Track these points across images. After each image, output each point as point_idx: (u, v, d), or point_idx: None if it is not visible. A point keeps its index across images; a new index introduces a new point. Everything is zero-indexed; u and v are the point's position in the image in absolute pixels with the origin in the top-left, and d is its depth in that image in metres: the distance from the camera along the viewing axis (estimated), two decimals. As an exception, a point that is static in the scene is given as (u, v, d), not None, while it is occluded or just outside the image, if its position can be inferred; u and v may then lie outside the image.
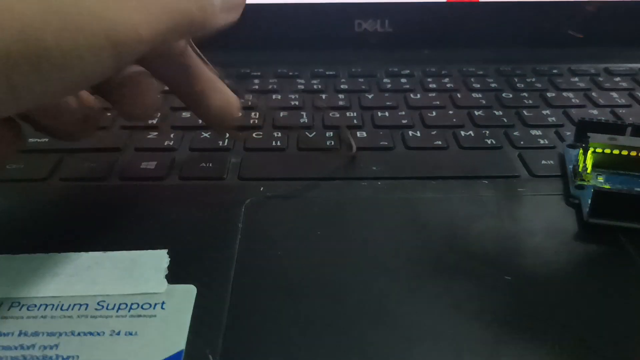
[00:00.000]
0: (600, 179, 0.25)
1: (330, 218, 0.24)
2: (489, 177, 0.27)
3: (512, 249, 0.22)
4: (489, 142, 0.30)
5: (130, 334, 0.18)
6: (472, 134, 0.30)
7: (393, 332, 0.18)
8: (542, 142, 0.30)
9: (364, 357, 0.18)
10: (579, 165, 0.25)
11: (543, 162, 0.28)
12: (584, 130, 0.27)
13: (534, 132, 0.31)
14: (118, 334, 0.18)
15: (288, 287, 0.20)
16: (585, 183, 0.24)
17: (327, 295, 0.20)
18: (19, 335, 0.18)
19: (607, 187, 0.23)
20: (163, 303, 0.19)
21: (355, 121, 0.32)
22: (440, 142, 0.30)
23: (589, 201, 0.23)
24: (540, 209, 0.24)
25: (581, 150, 0.26)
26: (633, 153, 0.25)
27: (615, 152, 0.25)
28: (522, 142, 0.30)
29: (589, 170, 0.25)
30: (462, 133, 0.30)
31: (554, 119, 0.32)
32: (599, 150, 0.25)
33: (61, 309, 0.19)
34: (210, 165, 0.27)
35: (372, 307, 0.19)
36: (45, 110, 0.21)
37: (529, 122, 0.32)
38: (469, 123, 0.32)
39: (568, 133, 0.30)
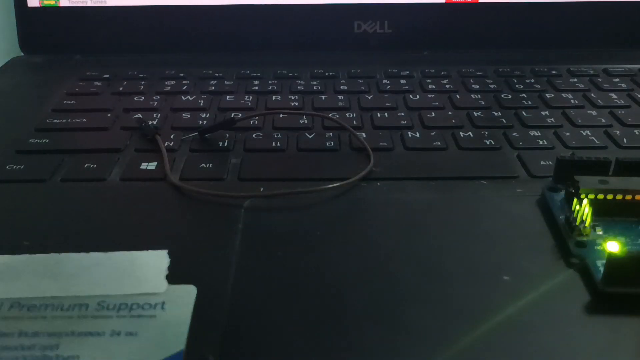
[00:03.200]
0: (599, 230, 0.22)
1: (329, 219, 0.24)
2: (488, 177, 0.27)
3: (512, 249, 0.22)
4: (487, 142, 0.30)
5: (131, 334, 0.18)
6: (471, 135, 0.30)
7: (393, 333, 0.18)
8: (540, 142, 0.30)
9: (363, 357, 0.18)
10: (574, 218, 0.22)
11: (542, 162, 0.28)
12: (564, 170, 0.24)
13: (532, 132, 0.31)
14: (118, 334, 0.18)
15: (287, 288, 0.20)
16: (586, 239, 0.22)
17: (326, 295, 0.20)
18: (19, 335, 0.18)
19: (620, 254, 0.19)
20: (163, 303, 0.19)
21: (354, 122, 0.32)
22: (439, 143, 0.30)
23: (598, 264, 0.20)
24: (540, 209, 0.24)
25: (575, 200, 0.23)
26: (628, 197, 0.22)
27: (609, 197, 0.22)
28: (521, 143, 0.30)
29: (587, 224, 0.22)
30: (461, 134, 0.30)
31: (552, 119, 0.32)
32: (591, 196, 0.22)
33: (61, 309, 0.19)
34: (211, 165, 0.28)
35: (371, 308, 0.19)
36: None
37: (528, 123, 0.32)
38: (468, 124, 0.32)
39: (567, 134, 0.31)
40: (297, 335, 0.18)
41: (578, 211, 0.22)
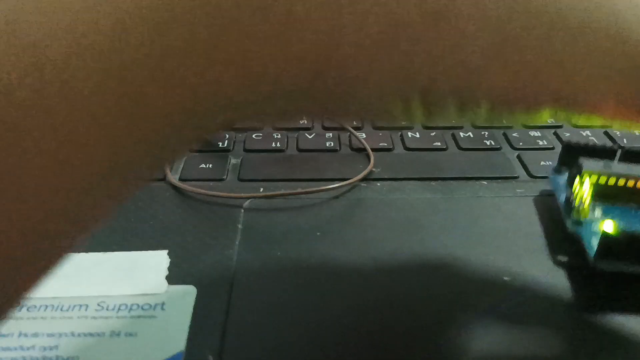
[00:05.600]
0: (598, 212, 0.22)
1: (329, 219, 0.24)
2: (488, 178, 0.27)
3: (512, 250, 0.22)
4: (487, 143, 0.30)
5: (130, 334, 0.18)
6: (471, 135, 0.30)
7: (392, 333, 0.18)
8: (540, 143, 0.30)
9: (363, 356, 0.18)
10: (574, 198, 0.22)
11: (542, 163, 0.28)
12: (570, 154, 0.24)
13: (532, 133, 0.31)
14: (118, 334, 0.18)
15: (287, 288, 0.20)
16: (583, 218, 0.22)
17: (326, 295, 0.20)
18: (19, 336, 0.18)
19: (614, 232, 0.20)
20: (163, 304, 0.19)
21: (354, 122, 0.32)
22: (439, 143, 0.30)
23: (592, 241, 0.20)
24: (539, 210, 0.24)
25: (577, 180, 0.23)
26: (630, 183, 0.22)
27: (612, 181, 0.22)
28: (521, 143, 0.30)
29: (586, 204, 0.22)
30: (461, 134, 0.30)
31: (552, 119, 0.32)
32: (593, 178, 0.22)
33: (61, 310, 0.19)
34: (210, 166, 0.28)
35: (371, 307, 0.19)
36: None
37: (528, 123, 0.32)
38: (468, 124, 0.32)
39: (567, 134, 0.31)
40: (297, 336, 0.18)
41: (578, 191, 0.22)
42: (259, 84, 0.11)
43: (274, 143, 0.30)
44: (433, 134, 0.31)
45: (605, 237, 0.19)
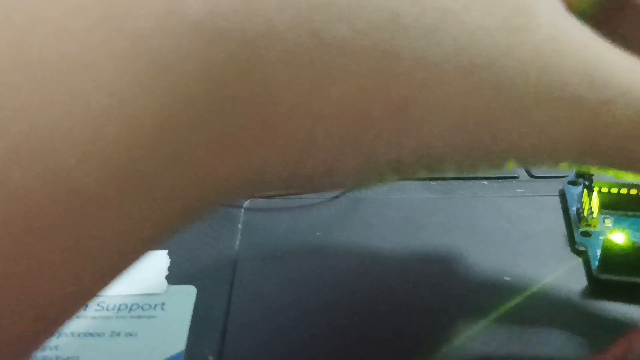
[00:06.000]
0: (608, 222, 0.22)
1: (329, 219, 0.24)
2: (488, 178, 0.27)
3: (512, 250, 0.22)
4: (488, 143, 0.30)
5: (130, 334, 0.18)
6: (471, 135, 0.30)
7: (393, 334, 0.18)
8: (541, 143, 0.30)
9: (363, 356, 0.18)
10: (583, 209, 0.22)
11: (542, 163, 0.28)
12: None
13: (533, 133, 0.31)
14: (118, 334, 0.18)
15: (287, 288, 0.20)
16: (592, 229, 0.22)
17: (326, 295, 0.20)
18: (19, 336, 0.18)
19: (617, 244, 0.20)
20: (163, 304, 0.19)
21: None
22: (439, 143, 0.30)
23: (598, 252, 0.20)
24: (540, 210, 0.24)
25: (585, 192, 0.22)
26: None
27: (623, 191, 0.22)
28: (521, 143, 0.30)
29: (595, 215, 0.22)
30: (461, 134, 0.30)
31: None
32: (604, 190, 0.22)
33: (61, 310, 0.19)
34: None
35: (371, 307, 0.19)
36: None
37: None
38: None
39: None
40: (296, 336, 0.18)
41: (588, 202, 0.22)
42: (252, 178, 0.11)
43: (273, 143, 0.30)
44: (433, 133, 0.30)
45: (606, 248, 0.19)
